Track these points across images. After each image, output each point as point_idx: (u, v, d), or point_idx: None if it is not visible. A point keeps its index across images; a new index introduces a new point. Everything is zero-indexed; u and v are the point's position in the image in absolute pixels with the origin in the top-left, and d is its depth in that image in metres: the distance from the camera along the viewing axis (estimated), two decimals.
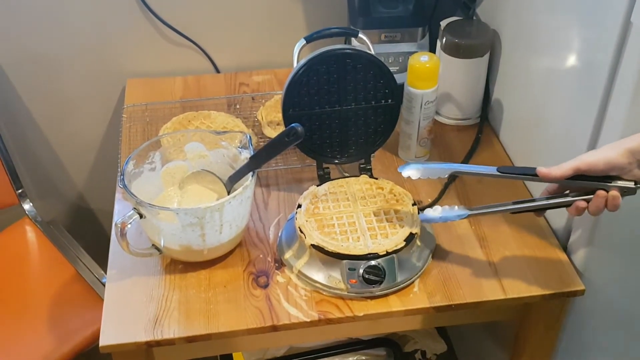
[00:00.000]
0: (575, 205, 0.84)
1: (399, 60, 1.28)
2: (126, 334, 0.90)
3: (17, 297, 1.30)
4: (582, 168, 0.81)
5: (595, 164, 0.80)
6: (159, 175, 1.04)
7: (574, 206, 0.84)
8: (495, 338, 1.28)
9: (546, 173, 0.83)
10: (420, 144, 1.17)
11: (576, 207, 0.84)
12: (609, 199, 0.81)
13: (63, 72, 1.41)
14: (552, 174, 0.82)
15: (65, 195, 1.58)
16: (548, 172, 0.83)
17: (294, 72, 1.03)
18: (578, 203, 0.83)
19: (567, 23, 0.96)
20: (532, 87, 1.10)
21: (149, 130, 1.24)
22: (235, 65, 1.45)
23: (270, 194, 1.13)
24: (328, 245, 0.94)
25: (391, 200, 1.02)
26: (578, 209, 0.84)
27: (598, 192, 0.82)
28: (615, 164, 0.79)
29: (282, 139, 0.94)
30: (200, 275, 0.98)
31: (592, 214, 0.83)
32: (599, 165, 0.80)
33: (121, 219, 0.91)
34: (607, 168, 0.80)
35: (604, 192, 0.81)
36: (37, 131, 1.47)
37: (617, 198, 0.81)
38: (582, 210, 0.84)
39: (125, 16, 1.36)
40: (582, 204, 0.83)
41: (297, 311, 0.93)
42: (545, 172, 0.83)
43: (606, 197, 0.81)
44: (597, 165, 0.80)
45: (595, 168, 0.80)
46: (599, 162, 0.80)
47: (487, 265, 0.99)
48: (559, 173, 0.82)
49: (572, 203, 0.84)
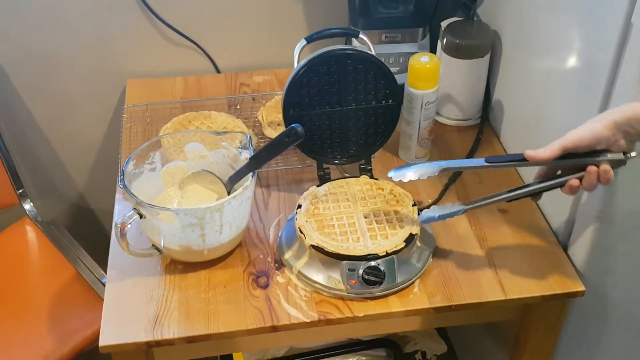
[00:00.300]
0: (568, 184, 0.83)
1: (399, 60, 1.28)
2: (126, 334, 0.90)
3: (18, 297, 1.30)
4: (569, 146, 0.80)
5: (581, 139, 0.80)
6: (159, 175, 1.04)
7: (567, 185, 0.83)
8: (496, 339, 1.28)
9: (534, 155, 0.82)
10: (421, 145, 1.17)
11: (570, 186, 0.83)
12: (601, 174, 0.81)
13: (63, 72, 1.41)
14: (539, 155, 0.82)
15: (65, 196, 1.58)
16: (536, 154, 0.82)
17: (294, 73, 1.03)
18: (571, 182, 0.83)
19: (568, 23, 0.96)
20: (532, 87, 1.10)
21: (150, 131, 1.24)
22: (236, 66, 1.45)
23: (271, 195, 1.13)
24: (328, 246, 0.94)
25: (391, 200, 1.02)
26: (572, 188, 0.83)
27: (589, 168, 0.81)
28: (601, 137, 0.79)
29: (282, 140, 0.94)
30: (200, 275, 0.98)
31: (586, 190, 0.83)
32: (585, 141, 0.80)
33: (121, 219, 0.91)
34: (594, 142, 0.79)
35: (594, 167, 0.81)
36: (38, 131, 1.47)
37: (609, 172, 0.81)
38: (576, 189, 0.83)
39: (126, 16, 1.36)
40: (575, 182, 0.83)
41: (297, 312, 0.93)
42: (533, 155, 0.83)
43: (598, 172, 0.81)
44: (583, 141, 0.80)
45: (581, 144, 0.80)
46: (584, 137, 0.79)
47: (487, 265, 0.99)
48: (546, 154, 0.81)
49: (565, 183, 0.84)
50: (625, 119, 0.78)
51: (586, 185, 0.82)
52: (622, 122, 0.78)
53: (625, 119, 0.78)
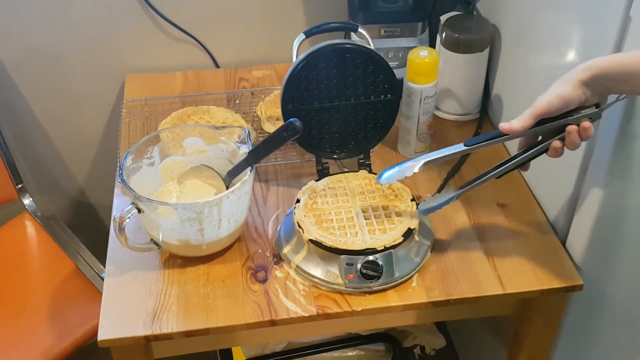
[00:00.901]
0: (552, 146, 0.83)
1: (398, 55, 1.28)
2: (125, 329, 0.91)
3: (17, 292, 1.30)
4: (540, 112, 0.80)
5: (550, 104, 0.80)
6: (157, 170, 1.04)
7: (551, 148, 0.83)
8: (495, 333, 1.29)
9: (508, 127, 0.83)
10: (420, 139, 1.17)
11: (553, 149, 0.83)
12: (581, 131, 0.81)
13: (63, 68, 1.41)
14: (514, 127, 0.82)
15: (65, 191, 1.58)
16: (510, 126, 0.82)
17: (293, 67, 1.03)
18: (553, 144, 0.83)
19: (567, 17, 0.96)
20: (531, 82, 1.09)
21: (149, 125, 1.24)
22: (235, 61, 1.45)
23: (270, 189, 1.13)
24: (326, 240, 0.94)
25: (390, 195, 1.02)
26: (556, 150, 0.83)
27: (568, 128, 0.81)
28: (570, 98, 0.79)
29: (281, 134, 0.94)
30: (198, 270, 0.98)
31: (570, 149, 0.83)
32: (554, 105, 0.80)
33: (119, 214, 0.91)
34: (563, 105, 0.79)
35: (574, 126, 0.81)
36: (37, 126, 1.47)
37: (589, 128, 0.81)
38: (561, 150, 0.83)
39: (125, 12, 1.36)
40: (557, 144, 0.83)
41: (296, 306, 0.93)
42: (508, 127, 0.83)
43: (578, 130, 0.81)
44: (553, 105, 0.80)
45: (551, 108, 0.80)
46: (553, 102, 0.80)
47: (485, 260, 0.99)
48: (520, 124, 0.82)
49: (548, 147, 0.84)
50: (591, 76, 0.78)
51: (569, 145, 0.82)
52: (589, 80, 0.78)
53: (590, 76, 0.78)
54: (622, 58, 0.76)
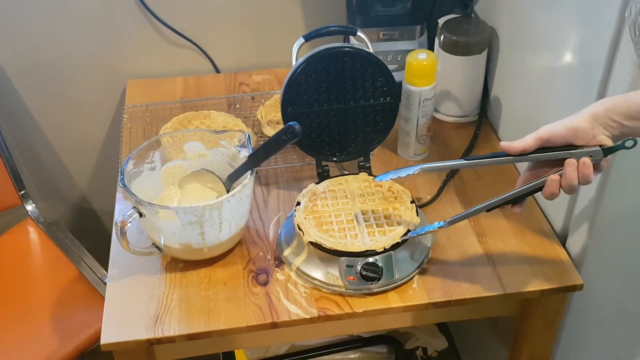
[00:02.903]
0: (549, 180, 0.80)
1: (397, 58, 1.29)
2: (127, 332, 0.91)
3: (21, 298, 1.30)
4: (544, 137, 0.79)
5: (555, 131, 0.79)
6: (159, 174, 1.05)
7: (547, 183, 0.80)
8: (496, 333, 1.29)
9: (508, 146, 0.81)
10: (419, 142, 1.17)
11: (550, 183, 0.80)
12: (580, 167, 0.78)
13: (64, 74, 1.42)
14: (514, 146, 0.81)
15: (67, 196, 1.59)
16: (510, 145, 0.81)
17: (292, 71, 1.03)
18: (551, 177, 0.80)
19: (564, 19, 0.97)
20: (529, 83, 1.10)
21: (150, 131, 1.25)
22: (235, 65, 1.45)
23: (270, 193, 1.13)
24: (326, 243, 0.95)
25: (390, 197, 1.03)
26: (552, 185, 0.80)
27: (567, 161, 0.79)
28: (577, 130, 0.78)
29: (280, 137, 0.94)
30: (200, 273, 0.99)
31: (565, 189, 0.80)
32: (559, 133, 0.79)
33: (121, 218, 0.92)
34: (569, 134, 0.78)
35: (573, 160, 0.79)
36: (39, 133, 1.48)
37: (588, 166, 0.78)
38: (557, 186, 0.80)
39: (126, 18, 1.37)
40: (555, 177, 0.80)
41: (297, 308, 0.94)
42: (507, 146, 0.81)
43: (577, 166, 0.79)
44: (558, 130, 0.79)
45: (556, 134, 0.79)
46: (558, 129, 0.79)
47: (485, 261, 1.00)
48: (521, 145, 0.80)
49: (544, 184, 0.81)
50: (604, 110, 0.77)
51: (565, 183, 0.79)
52: (601, 115, 0.77)
53: (603, 110, 0.77)
54: (630, 95, 0.76)
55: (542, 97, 1.06)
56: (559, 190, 0.81)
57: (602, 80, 0.87)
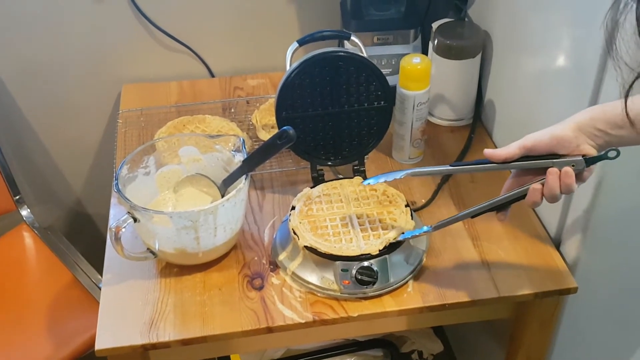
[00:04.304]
0: (530, 189, 0.81)
1: (391, 62, 1.29)
2: (122, 338, 0.91)
3: (16, 303, 1.30)
4: (528, 145, 0.80)
5: (540, 139, 0.79)
6: (153, 179, 1.05)
7: (529, 192, 0.81)
8: (492, 337, 1.29)
9: (492, 154, 0.82)
10: (414, 145, 1.17)
11: (532, 191, 0.80)
12: (562, 177, 0.78)
13: (59, 79, 1.41)
14: (497, 153, 0.81)
15: (62, 201, 1.59)
16: (494, 152, 0.81)
17: (286, 75, 1.04)
18: (533, 186, 0.80)
19: (557, 22, 0.97)
20: (523, 87, 1.10)
21: (145, 135, 1.25)
22: (230, 70, 1.46)
23: (265, 197, 1.13)
24: (321, 247, 0.95)
25: (384, 201, 1.03)
26: (534, 193, 0.80)
27: (549, 170, 0.79)
28: (561, 138, 0.78)
29: (274, 142, 0.94)
30: (195, 278, 0.99)
31: (547, 198, 0.80)
32: (543, 141, 0.79)
33: (115, 223, 0.92)
34: (553, 142, 0.78)
35: (555, 169, 0.79)
36: (34, 137, 1.48)
37: (570, 175, 0.78)
38: (539, 195, 0.80)
39: (121, 23, 1.37)
40: (537, 186, 0.80)
41: (292, 312, 0.94)
42: (491, 153, 0.82)
43: (559, 175, 0.78)
44: (543, 139, 0.79)
45: (541, 143, 0.79)
46: (543, 138, 0.79)
47: (480, 264, 1.00)
48: (505, 152, 0.81)
49: (527, 192, 0.82)
50: (589, 119, 0.77)
51: (547, 191, 0.80)
52: (585, 123, 0.77)
53: (588, 119, 0.77)
54: (616, 103, 0.75)
55: (536, 100, 1.06)
56: (541, 199, 0.81)
57: (596, 83, 0.87)
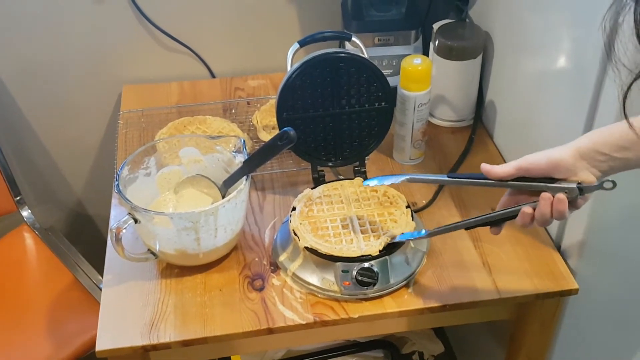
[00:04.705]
0: (521, 211, 0.80)
1: (392, 63, 1.29)
2: (122, 339, 0.91)
3: (16, 304, 1.30)
4: (524, 166, 0.79)
5: (538, 161, 0.78)
6: (154, 180, 1.05)
7: (520, 213, 0.80)
8: (493, 337, 1.29)
9: (489, 169, 0.81)
10: (415, 146, 1.17)
11: (522, 214, 0.79)
12: (554, 203, 0.77)
13: (60, 80, 1.42)
14: (494, 170, 0.80)
15: (63, 202, 1.59)
16: (491, 168, 0.81)
17: (287, 76, 1.04)
18: (524, 209, 0.79)
19: (558, 23, 0.97)
20: (524, 88, 1.10)
21: (145, 136, 1.25)
22: (231, 70, 1.46)
23: (266, 198, 1.13)
24: (321, 248, 0.95)
25: (385, 202, 1.03)
26: (524, 216, 0.79)
27: (542, 195, 0.78)
28: (560, 162, 0.76)
29: (275, 143, 0.94)
30: (196, 279, 0.99)
31: (538, 222, 0.79)
32: (540, 164, 0.78)
33: (116, 224, 0.92)
34: (550, 167, 0.77)
35: (548, 194, 0.77)
36: (35, 138, 1.48)
37: (563, 202, 0.77)
38: (529, 218, 0.79)
39: (121, 24, 1.37)
40: (527, 210, 0.79)
41: (293, 313, 0.94)
42: (488, 169, 0.81)
43: (552, 201, 0.77)
44: (540, 163, 0.78)
45: (537, 166, 0.78)
46: (541, 160, 0.78)
47: (481, 265, 1.00)
48: (501, 171, 0.80)
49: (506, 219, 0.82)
50: (590, 143, 0.75)
51: (538, 215, 0.78)
52: (586, 149, 0.75)
53: (590, 143, 0.75)
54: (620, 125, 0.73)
55: (537, 101, 1.06)
56: (532, 221, 0.80)
57: (596, 84, 0.87)
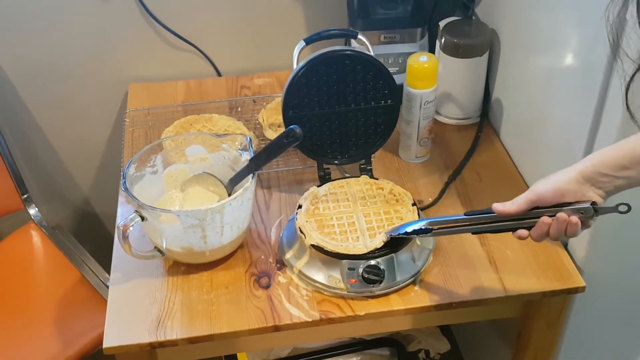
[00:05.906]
0: (539, 222, 0.81)
1: (398, 60, 1.29)
2: (129, 336, 0.91)
3: (23, 301, 1.31)
4: (534, 199, 0.80)
5: (545, 193, 0.79)
6: (160, 178, 1.05)
7: (538, 224, 0.81)
8: (499, 335, 1.29)
9: (501, 209, 0.82)
10: (421, 144, 1.17)
11: (540, 225, 0.81)
12: (569, 223, 0.79)
13: (67, 79, 1.42)
14: (506, 209, 0.82)
15: (70, 200, 1.59)
16: (503, 207, 0.82)
17: (293, 74, 1.04)
18: (543, 219, 0.80)
19: (565, 21, 0.97)
20: (531, 85, 1.10)
21: (152, 134, 1.25)
22: (237, 69, 1.46)
23: (272, 196, 1.13)
24: (327, 245, 0.95)
25: (391, 200, 1.03)
26: (541, 227, 0.81)
27: (559, 215, 0.79)
28: (565, 190, 0.78)
29: (281, 141, 0.94)
30: (202, 276, 0.99)
31: (552, 237, 0.81)
32: (548, 194, 0.79)
33: (123, 222, 0.92)
34: (557, 195, 0.78)
35: (564, 215, 0.79)
36: (42, 137, 1.49)
37: (576, 224, 0.79)
38: (546, 229, 0.81)
39: (128, 22, 1.37)
40: (523, 233, 0.82)
41: (299, 311, 0.94)
42: (500, 209, 0.82)
43: (567, 222, 0.79)
44: (547, 195, 0.79)
45: (545, 197, 0.79)
46: (547, 192, 0.79)
47: (487, 263, 1.00)
48: (513, 208, 0.81)
49: (516, 228, 0.83)
50: (591, 165, 0.76)
51: (552, 232, 0.80)
52: (589, 172, 0.76)
53: (591, 166, 0.76)
54: (619, 144, 0.75)
55: (544, 98, 1.06)
56: (547, 233, 0.81)
57: (604, 82, 0.87)
